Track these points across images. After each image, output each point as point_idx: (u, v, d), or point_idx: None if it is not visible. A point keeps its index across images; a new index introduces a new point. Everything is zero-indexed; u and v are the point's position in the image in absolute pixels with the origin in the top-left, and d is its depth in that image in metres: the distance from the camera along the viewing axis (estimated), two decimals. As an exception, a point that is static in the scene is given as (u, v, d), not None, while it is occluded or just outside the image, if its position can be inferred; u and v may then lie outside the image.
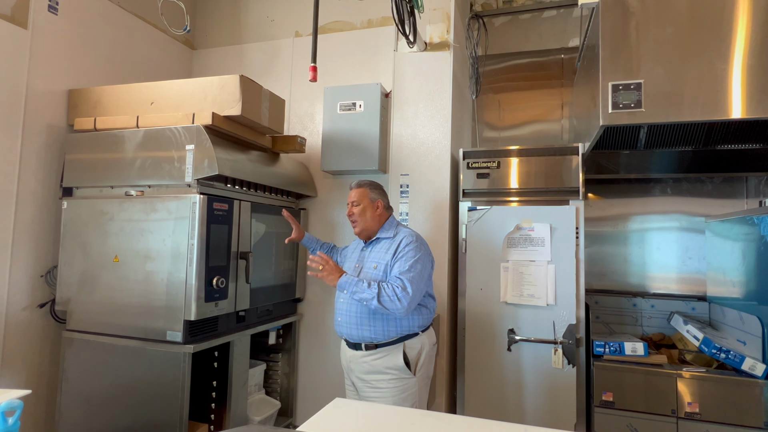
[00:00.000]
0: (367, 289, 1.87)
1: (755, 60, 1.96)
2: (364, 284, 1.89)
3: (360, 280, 1.92)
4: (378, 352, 1.98)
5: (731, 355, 2.12)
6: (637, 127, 2.21)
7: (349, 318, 2.02)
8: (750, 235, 2.23)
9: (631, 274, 3.00)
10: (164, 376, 2.13)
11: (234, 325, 2.41)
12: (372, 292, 1.86)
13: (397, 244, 2.02)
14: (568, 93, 3.29)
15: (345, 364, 2.13)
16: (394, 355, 1.97)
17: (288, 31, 3.30)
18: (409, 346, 1.99)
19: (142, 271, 2.20)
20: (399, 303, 1.85)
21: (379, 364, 1.98)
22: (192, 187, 2.18)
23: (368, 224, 2.12)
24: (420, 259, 1.97)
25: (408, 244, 2.00)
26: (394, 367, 1.96)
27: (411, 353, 1.99)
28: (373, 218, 2.12)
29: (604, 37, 2.15)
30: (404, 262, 1.95)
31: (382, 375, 1.97)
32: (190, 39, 3.52)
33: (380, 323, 1.97)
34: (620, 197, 3.09)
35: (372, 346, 1.99)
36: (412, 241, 2.02)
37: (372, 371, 1.99)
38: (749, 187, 2.84)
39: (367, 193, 2.14)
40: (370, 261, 2.08)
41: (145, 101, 2.41)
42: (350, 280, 1.92)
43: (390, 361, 1.96)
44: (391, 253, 2.02)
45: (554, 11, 3.39)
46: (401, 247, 2.00)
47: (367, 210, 2.12)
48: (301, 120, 3.20)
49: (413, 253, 1.98)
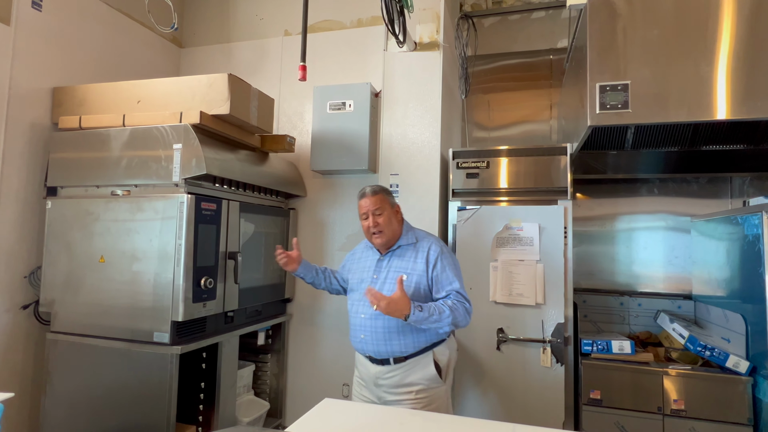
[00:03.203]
0: (445, 318, 1.71)
1: (739, 62, 1.99)
2: (437, 313, 1.71)
3: (432, 311, 1.71)
4: (407, 364, 1.83)
5: (716, 353, 2.15)
6: (625, 127, 2.24)
7: (374, 335, 1.84)
8: (734, 235, 2.26)
9: (619, 273, 3.03)
10: (151, 378, 2.10)
11: (222, 325, 2.39)
12: (447, 320, 1.71)
13: (426, 253, 1.88)
14: (556, 94, 3.32)
15: (368, 379, 1.92)
16: (425, 364, 1.83)
17: (277, 29, 3.28)
18: (438, 353, 1.87)
19: (129, 271, 2.17)
20: (469, 317, 1.79)
21: (408, 377, 1.83)
22: (179, 187, 2.16)
23: (395, 233, 1.94)
24: (458, 265, 1.91)
25: (441, 252, 1.88)
26: (426, 377, 1.82)
27: (441, 360, 1.87)
28: (395, 226, 1.94)
29: (591, 39, 2.17)
30: (451, 273, 1.84)
31: (412, 387, 1.82)
32: (178, 37, 3.48)
33: (410, 335, 1.82)
34: (608, 197, 3.12)
35: (401, 359, 1.83)
36: (441, 246, 1.91)
37: (400, 384, 1.84)
38: (733, 187, 2.89)
39: (387, 199, 1.96)
40: (393, 271, 1.89)
41: (131, 100, 2.38)
42: (424, 316, 1.69)
43: (421, 372, 1.83)
44: (421, 262, 1.87)
45: (543, 12, 3.41)
46: (436, 257, 1.86)
47: (392, 218, 1.93)
48: (290, 119, 3.18)
49: (450, 259, 1.88)
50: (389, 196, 1.99)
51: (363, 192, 1.96)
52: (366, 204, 1.92)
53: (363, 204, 1.93)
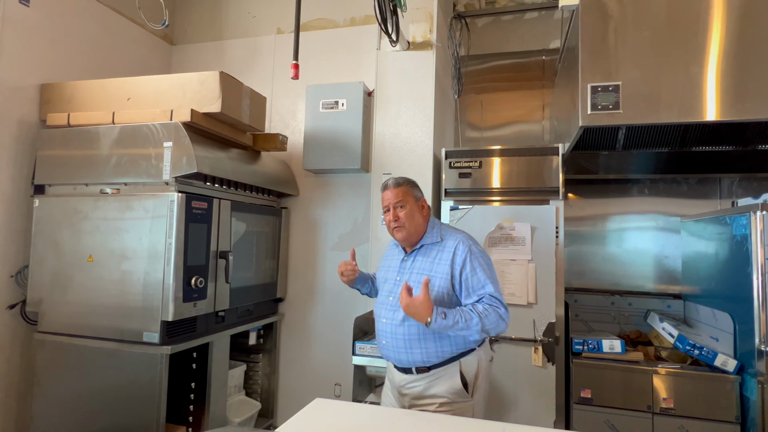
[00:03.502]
0: (474, 326, 1.55)
1: (728, 64, 2.01)
2: (462, 321, 1.55)
3: (457, 319, 1.55)
4: (431, 375, 1.68)
5: (704, 352, 2.17)
6: (616, 128, 2.25)
7: (395, 342, 1.71)
8: (723, 235, 2.29)
9: (610, 272, 3.06)
10: (140, 378, 2.08)
11: (213, 325, 2.37)
12: (476, 327, 1.55)
13: (452, 253, 1.69)
14: (549, 94, 3.33)
15: (393, 386, 1.80)
16: (450, 376, 1.67)
17: (270, 27, 3.26)
18: (465, 364, 1.69)
19: (118, 270, 2.14)
20: (504, 323, 1.59)
21: (431, 388, 1.68)
22: (170, 185, 2.13)
23: (418, 228, 1.77)
24: (491, 264, 1.71)
25: (470, 252, 1.68)
26: (451, 390, 1.66)
27: (468, 372, 1.69)
28: (419, 222, 1.77)
29: (583, 39, 2.18)
30: (483, 275, 1.64)
31: (432, 399, 1.68)
32: (169, 34, 3.45)
33: (432, 343, 1.66)
34: (599, 197, 3.14)
35: (424, 369, 1.68)
36: (470, 245, 1.70)
37: (422, 395, 1.69)
38: (722, 188, 2.92)
39: (411, 191, 1.80)
40: (416, 273, 1.73)
41: (121, 97, 2.35)
42: (447, 324, 1.55)
43: (446, 384, 1.67)
44: (445, 264, 1.69)
45: (536, 13, 3.42)
46: (464, 257, 1.67)
47: (415, 212, 1.76)
48: (282, 118, 3.17)
49: (481, 258, 1.68)
50: (414, 188, 1.82)
51: (386, 184, 1.82)
52: (388, 196, 1.78)
53: (385, 196, 1.79)
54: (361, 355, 2.35)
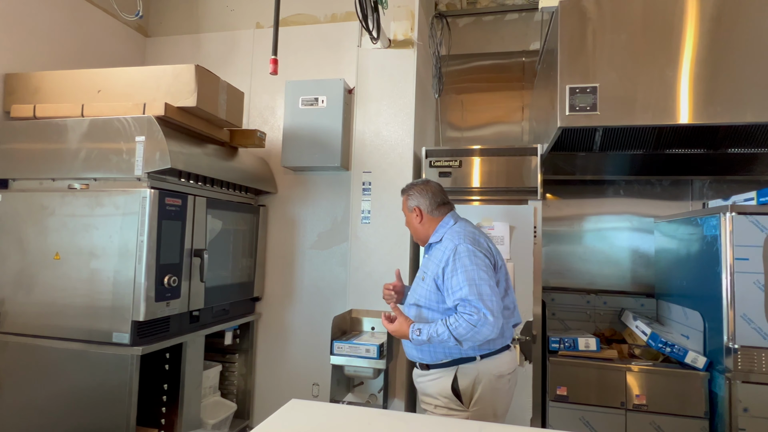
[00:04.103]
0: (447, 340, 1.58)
1: (701, 68, 2.06)
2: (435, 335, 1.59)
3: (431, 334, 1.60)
4: (431, 373, 1.74)
5: (676, 349, 2.22)
6: (593, 129, 2.29)
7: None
8: (694, 235, 2.35)
9: (586, 272, 3.11)
10: (110, 380, 2.01)
11: (187, 325, 2.31)
12: (450, 341, 1.58)
13: (443, 253, 1.71)
14: (528, 95, 3.37)
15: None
16: (445, 379, 1.70)
17: (248, 21, 3.20)
18: (462, 371, 1.68)
19: (86, 269, 2.06)
20: (483, 329, 1.54)
21: (430, 387, 1.74)
22: (142, 181, 2.07)
23: (417, 234, 1.88)
24: (474, 267, 1.62)
25: (455, 253, 1.66)
26: (442, 393, 1.70)
27: (463, 381, 1.68)
28: (417, 228, 1.86)
29: (562, 41, 2.21)
30: (461, 278, 1.61)
31: (433, 399, 1.74)
32: (143, 26, 3.34)
33: (426, 344, 1.70)
34: (576, 198, 3.19)
35: (425, 366, 1.76)
36: (458, 246, 1.68)
37: (424, 392, 1.78)
38: (694, 190, 3.00)
39: (405, 201, 1.90)
40: (422, 271, 1.82)
41: (91, 89, 2.26)
42: (422, 339, 1.63)
43: (439, 386, 1.71)
44: (435, 264, 1.73)
45: (516, 14, 3.45)
46: (447, 258, 1.67)
47: (411, 220, 1.88)
48: (261, 114, 3.11)
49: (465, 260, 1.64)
50: (411, 197, 1.88)
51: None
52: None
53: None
54: (339, 355, 2.33)
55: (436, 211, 1.83)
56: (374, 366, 2.31)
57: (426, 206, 1.84)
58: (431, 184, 1.90)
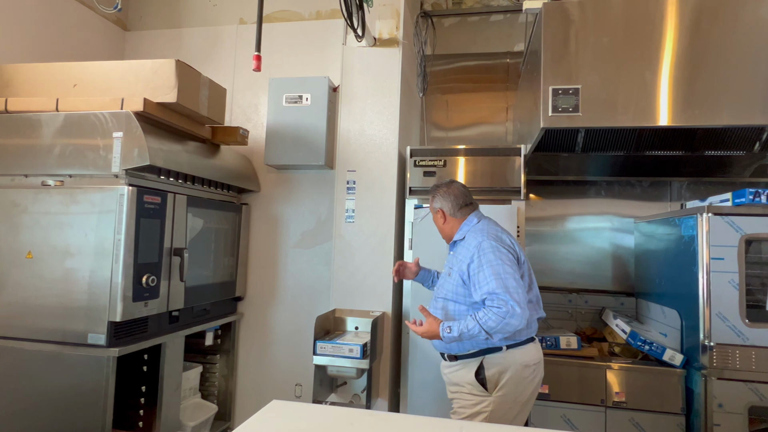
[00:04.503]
0: (477, 334, 1.62)
1: (680, 72, 2.10)
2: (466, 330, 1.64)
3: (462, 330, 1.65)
4: (457, 364, 1.81)
5: (654, 347, 2.26)
6: (575, 130, 2.31)
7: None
8: (672, 235, 2.39)
9: (568, 271, 3.14)
10: (85, 383, 1.96)
11: (166, 325, 2.26)
12: (481, 334, 1.62)
13: (467, 249, 1.78)
14: (512, 96, 3.39)
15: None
16: (470, 368, 1.77)
17: (232, 17, 3.15)
18: (489, 361, 1.75)
19: (61, 268, 2.00)
20: (513, 320, 1.58)
21: (457, 377, 1.81)
22: (120, 178, 2.02)
23: (442, 233, 1.98)
24: (500, 261, 1.69)
25: (480, 248, 1.73)
26: (468, 380, 1.77)
27: (490, 370, 1.74)
28: (441, 227, 1.96)
29: (545, 43, 2.22)
30: (488, 272, 1.67)
31: (459, 387, 1.81)
32: (123, 19, 3.27)
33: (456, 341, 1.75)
34: (559, 198, 3.22)
35: (452, 357, 1.82)
36: (481, 241, 1.74)
37: (452, 383, 1.85)
38: (672, 191, 3.06)
39: (432, 202, 1.97)
40: (447, 267, 1.89)
41: (67, 83, 2.20)
42: (454, 336, 1.67)
43: (465, 374, 1.78)
44: (462, 260, 1.78)
45: (501, 16, 3.47)
46: (473, 254, 1.74)
47: (437, 219, 1.97)
48: (244, 111, 3.07)
49: (490, 255, 1.70)
50: (436, 198, 1.96)
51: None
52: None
53: None
54: (322, 355, 2.31)
55: (459, 213, 1.92)
56: (357, 366, 2.29)
57: (449, 208, 1.92)
58: (454, 186, 1.96)
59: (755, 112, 2.05)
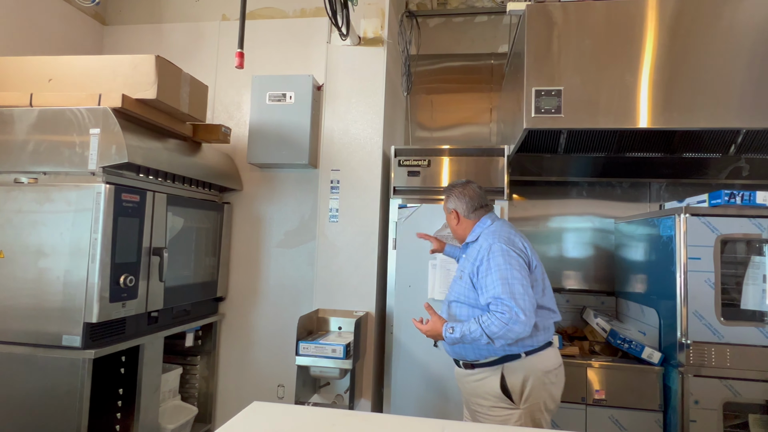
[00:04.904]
0: (480, 338, 1.59)
1: (659, 76, 2.14)
2: (468, 333, 1.61)
3: (464, 333, 1.63)
4: (477, 373, 1.73)
5: (633, 345, 2.30)
6: (557, 131, 2.34)
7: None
8: (651, 236, 2.44)
9: (550, 271, 3.10)
10: (59, 386, 1.90)
11: (145, 326, 2.21)
12: (483, 339, 1.59)
13: (478, 252, 1.74)
14: (497, 97, 3.42)
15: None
16: (492, 379, 1.69)
17: (214, 13, 3.10)
18: (509, 369, 1.68)
19: (34, 268, 1.94)
20: (516, 326, 1.54)
21: (480, 388, 1.73)
22: (97, 176, 1.96)
23: (455, 234, 1.94)
24: (508, 266, 1.64)
25: (489, 252, 1.69)
26: (492, 393, 1.69)
27: (512, 379, 1.68)
28: (455, 228, 1.92)
29: (529, 45, 2.24)
30: (495, 277, 1.63)
31: (483, 400, 1.72)
32: (101, 13, 3.19)
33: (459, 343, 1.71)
34: (541, 198, 3.26)
35: (468, 365, 1.75)
36: (492, 245, 1.70)
37: (474, 393, 1.75)
38: (652, 192, 3.12)
39: (445, 203, 1.95)
40: (459, 269, 1.86)
41: (41, 77, 2.13)
42: (456, 338, 1.65)
43: (487, 386, 1.70)
44: (471, 263, 1.75)
45: (485, 17, 3.50)
46: (482, 257, 1.70)
47: (450, 220, 1.93)
48: (226, 109, 3.02)
49: (499, 259, 1.66)
50: (450, 198, 1.93)
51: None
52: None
53: None
54: (305, 355, 2.29)
55: (473, 214, 1.88)
56: (340, 366, 2.28)
57: (463, 210, 1.89)
58: (469, 188, 1.91)
59: (731, 115, 2.10)
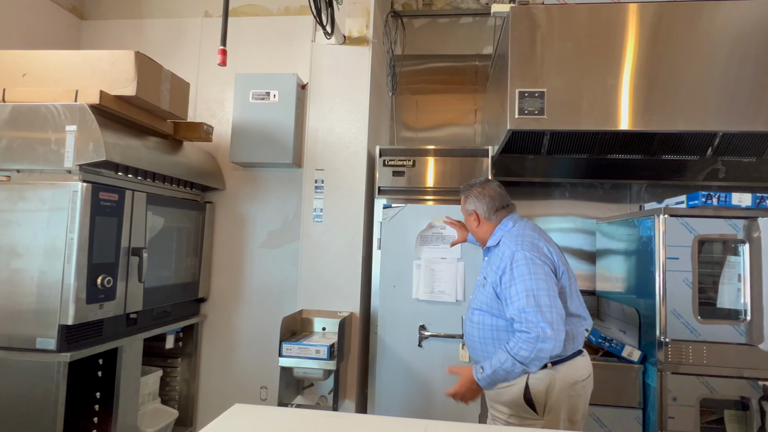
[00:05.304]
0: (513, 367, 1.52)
1: (639, 79, 2.18)
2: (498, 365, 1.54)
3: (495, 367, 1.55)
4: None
5: (614, 344, 2.33)
6: (541, 132, 2.36)
7: (467, 338, 1.78)
8: (631, 236, 2.48)
9: (533, 271, 3.20)
10: (33, 390, 1.84)
11: (123, 328, 2.16)
12: (517, 367, 1.51)
13: (500, 259, 1.66)
14: (481, 98, 3.44)
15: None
16: (516, 387, 1.61)
17: (197, 9, 3.05)
18: (534, 379, 1.60)
19: (6, 269, 1.89)
20: (537, 344, 1.48)
21: (501, 395, 1.66)
22: (73, 174, 1.91)
23: (477, 235, 1.83)
24: (533, 275, 1.56)
25: (513, 260, 1.60)
26: (515, 402, 1.62)
27: (536, 389, 1.60)
28: (474, 231, 1.83)
29: (512, 46, 2.26)
30: (520, 287, 1.55)
31: (505, 407, 1.66)
32: (79, 7, 3.11)
33: (492, 348, 1.65)
34: (525, 199, 3.28)
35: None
36: (515, 253, 1.61)
37: (497, 399, 1.69)
38: (632, 193, 3.17)
39: (463, 204, 1.86)
40: (482, 276, 1.78)
41: (15, 72, 2.07)
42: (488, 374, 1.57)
43: (511, 394, 1.62)
44: (494, 270, 1.67)
45: (471, 18, 3.51)
46: (505, 266, 1.61)
47: (469, 222, 1.84)
48: (209, 107, 2.98)
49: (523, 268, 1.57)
50: (468, 199, 1.83)
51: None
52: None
53: None
54: (288, 357, 2.27)
55: (494, 216, 1.78)
56: (324, 367, 2.26)
57: (483, 211, 1.79)
58: (489, 187, 1.81)
59: (708, 118, 2.15)
